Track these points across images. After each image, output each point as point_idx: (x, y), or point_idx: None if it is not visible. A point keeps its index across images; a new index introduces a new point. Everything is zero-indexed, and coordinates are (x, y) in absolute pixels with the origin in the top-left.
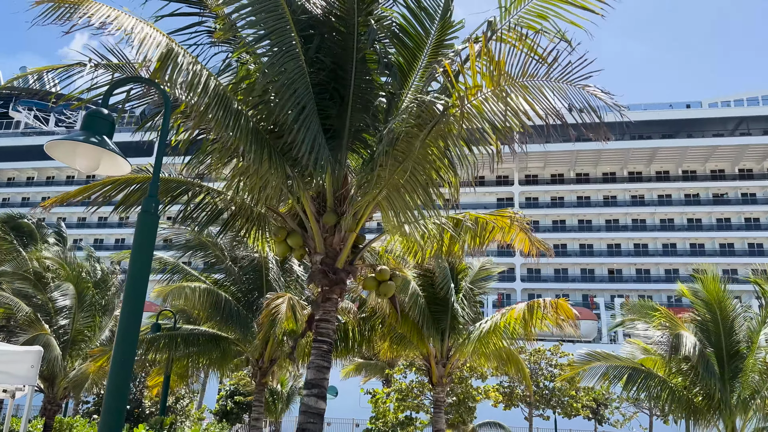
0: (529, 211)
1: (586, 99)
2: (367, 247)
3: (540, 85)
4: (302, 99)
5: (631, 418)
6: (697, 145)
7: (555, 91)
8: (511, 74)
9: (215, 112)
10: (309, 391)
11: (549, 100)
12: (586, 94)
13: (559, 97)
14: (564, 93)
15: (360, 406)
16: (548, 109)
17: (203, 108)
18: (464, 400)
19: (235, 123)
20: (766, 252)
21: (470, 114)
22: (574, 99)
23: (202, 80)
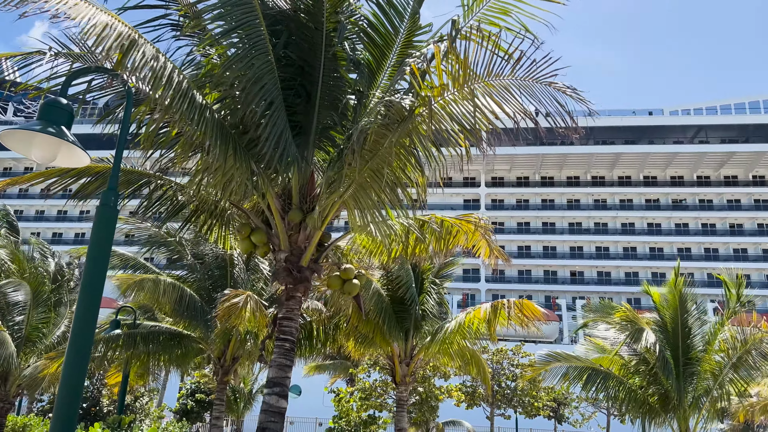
0: (495, 213)
1: (553, 95)
2: (332, 246)
3: (506, 84)
4: (270, 94)
5: (589, 417)
6: (658, 152)
7: (521, 89)
8: (476, 73)
9: (180, 106)
10: (270, 389)
11: (516, 98)
12: (552, 91)
13: (526, 94)
14: (530, 90)
15: (324, 405)
16: (516, 108)
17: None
18: (427, 399)
19: (200, 117)
20: (722, 257)
21: (437, 114)
22: (541, 96)
23: (166, 73)
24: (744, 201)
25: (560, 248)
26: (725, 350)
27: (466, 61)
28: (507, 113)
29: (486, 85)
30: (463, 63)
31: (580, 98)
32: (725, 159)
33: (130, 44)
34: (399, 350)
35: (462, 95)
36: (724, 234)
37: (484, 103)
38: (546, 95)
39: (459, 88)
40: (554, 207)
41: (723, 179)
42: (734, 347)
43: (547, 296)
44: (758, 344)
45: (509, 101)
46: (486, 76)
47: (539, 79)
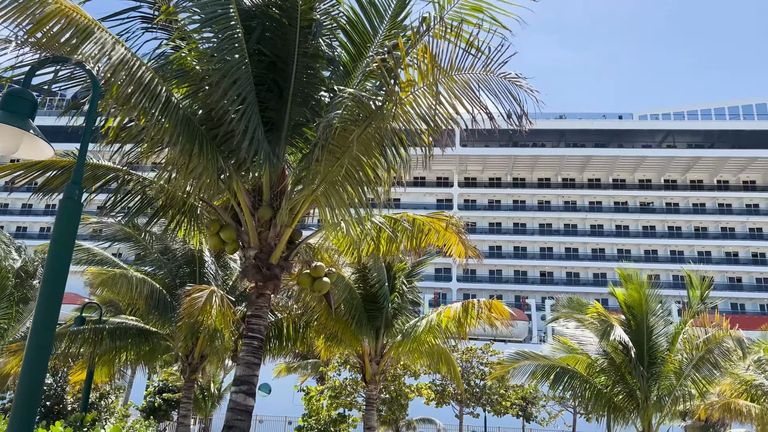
0: (467, 213)
1: (508, 88)
2: (303, 243)
3: (474, 82)
4: (243, 90)
5: (556, 416)
6: (627, 155)
7: (482, 84)
8: (445, 70)
9: (140, 100)
10: (238, 387)
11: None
12: (507, 83)
13: (490, 93)
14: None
15: (294, 404)
16: (480, 106)
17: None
18: (397, 398)
19: (162, 112)
20: (687, 259)
21: (405, 110)
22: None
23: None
24: (708, 205)
25: (530, 249)
26: (688, 350)
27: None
28: (467, 109)
29: (454, 83)
30: (432, 60)
31: (530, 89)
32: (691, 163)
33: (85, 35)
34: (369, 348)
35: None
36: (689, 237)
37: (451, 100)
38: (502, 89)
39: (428, 84)
40: (525, 208)
41: (689, 183)
42: (697, 347)
43: (517, 296)
44: (719, 344)
45: (473, 100)
46: (455, 72)
47: (496, 72)
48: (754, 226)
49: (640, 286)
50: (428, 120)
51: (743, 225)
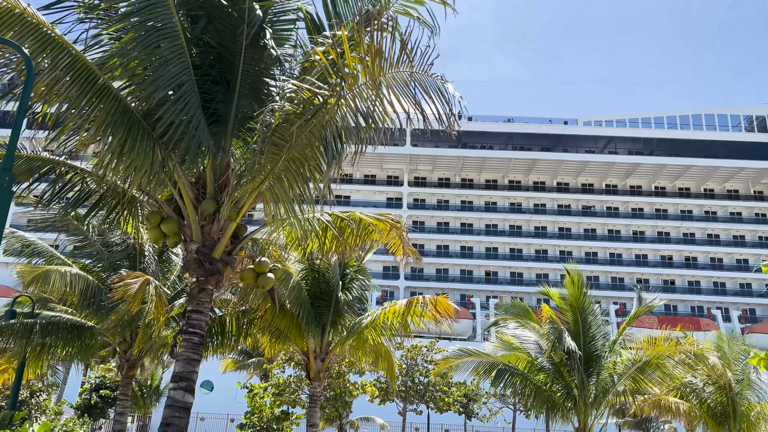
0: (417, 212)
1: (439, 88)
2: (248, 238)
3: (411, 82)
4: (180, 79)
5: (497, 413)
6: (571, 160)
7: (418, 84)
8: (390, 63)
9: (68, 90)
10: (176, 384)
11: (410, 89)
12: (438, 83)
13: (425, 93)
14: (428, 91)
15: (236, 401)
16: (416, 105)
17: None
18: (341, 395)
19: (94, 101)
20: (625, 262)
21: (348, 105)
22: (430, 88)
23: (53, 50)
24: (646, 210)
25: (477, 249)
26: (636, 352)
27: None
28: (402, 104)
29: (391, 78)
30: (374, 54)
31: (455, 94)
32: (632, 169)
33: (15, 19)
34: (315, 346)
35: (374, 87)
36: (627, 240)
37: (387, 96)
38: (435, 89)
39: (372, 79)
40: (473, 208)
41: (629, 188)
42: (639, 349)
43: (463, 295)
44: (655, 348)
45: (408, 96)
46: (390, 68)
47: (433, 75)
48: (688, 231)
49: (580, 288)
50: (370, 115)
51: (677, 230)
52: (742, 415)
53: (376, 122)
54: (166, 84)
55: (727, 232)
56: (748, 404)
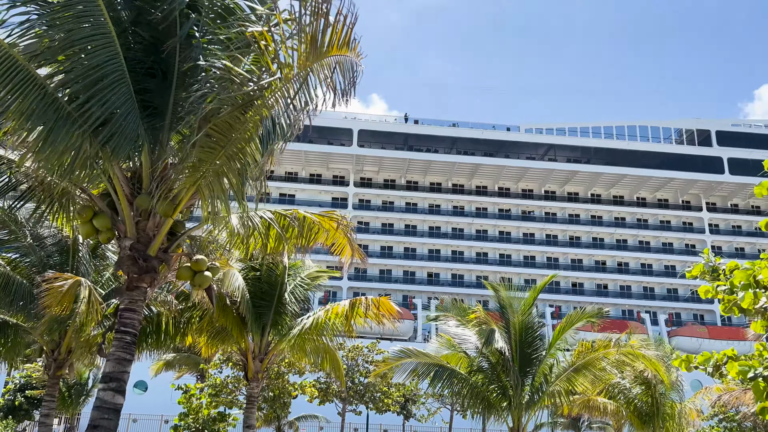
0: (362, 213)
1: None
2: (185, 236)
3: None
4: (107, 69)
5: (434, 413)
6: (512, 165)
7: (338, 67)
8: (320, 54)
9: None
10: (106, 384)
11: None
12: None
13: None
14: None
15: (171, 402)
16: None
17: None
18: (280, 396)
19: (14, 92)
20: (561, 266)
21: (283, 95)
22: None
23: None
24: (583, 216)
25: (420, 250)
26: (573, 354)
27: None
28: (320, 80)
29: (321, 66)
30: (310, 41)
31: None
32: (569, 177)
33: None
34: (254, 346)
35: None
36: (564, 245)
37: (313, 83)
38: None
39: (302, 68)
40: (417, 210)
41: (566, 195)
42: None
43: (405, 295)
44: (589, 352)
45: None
46: (321, 57)
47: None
48: (621, 237)
49: (517, 290)
50: (301, 106)
51: (611, 236)
52: (665, 414)
53: (306, 109)
54: (94, 75)
55: (657, 240)
56: (671, 404)
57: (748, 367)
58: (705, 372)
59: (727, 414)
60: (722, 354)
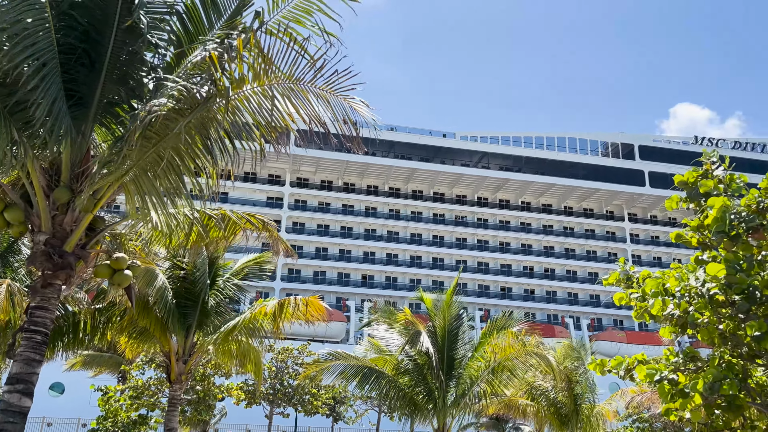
0: (298, 213)
1: (346, 110)
2: (105, 232)
3: (304, 89)
4: (43, 55)
5: (362, 415)
6: (447, 171)
7: (318, 98)
8: (279, 73)
9: None
10: (12, 386)
11: (313, 106)
12: (347, 106)
13: (323, 105)
14: (327, 101)
15: (90, 405)
16: (312, 116)
17: None
18: (204, 398)
19: None
20: (491, 270)
21: (235, 107)
22: (336, 108)
23: None
24: (513, 223)
25: (355, 252)
26: (490, 355)
27: (267, 58)
28: (303, 119)
29: (287, 88)
30: (267, 59)
31: (373, 117)
32: (501, 184)
33: None
34: (178, 347)
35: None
36: (494, 251)
37: (283, 104)
38: (340, 108)
39: (261, 84)
40: (353, 213)
41: (498, 202)
42: (494, 353)
43: (339, 297)
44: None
45: (306, 107)
46: (287, 80)
47: (337, 92)
48: (548, 244)
49: (450, 294)
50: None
51: (539, 243)
52: (583, 415)
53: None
54: (30, 60)
55: (582, 247)
56: (589, 405)
57: (655, 370)
58: (617, 375)
59: (640, 415)
60: (633, 358)
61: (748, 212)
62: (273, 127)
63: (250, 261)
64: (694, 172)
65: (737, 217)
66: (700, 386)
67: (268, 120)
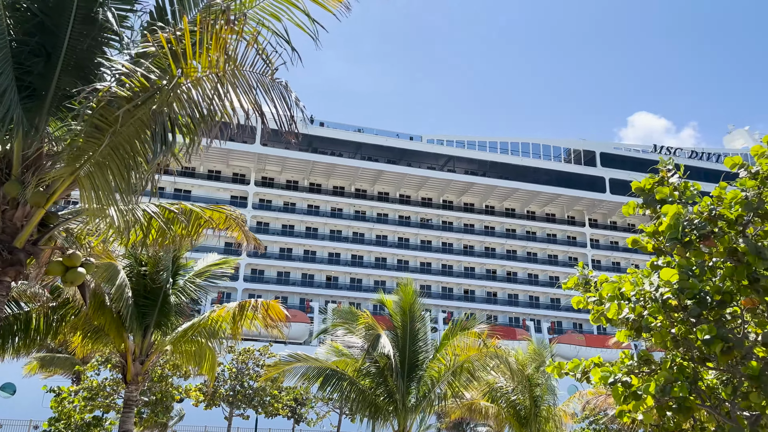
0: (262, 213)
1: (286, 98)
2: (58, 227)
3: (256, 83)
4: None
5: (323, 417)
6: (413, 174)
7: (262, 87)
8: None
9: None
10: None
11: (254, 93)
12: (287, 95)
13: (267, 97)
14: (268, 92)
15: (43, 406)
16: (255, 107)
17: None
18: (162, 400)
19: None
20: (455, 273)
21: (187, 96)
22: (276, 98)
23: None
24: (477, 226)
25: (320, 253)
26: (451, 357)
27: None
28: (242, 106)
29: (234, 77)
30: (221, 49)
31: (301, 107)
32: (466, 188)
33: None
34: (135, 347)
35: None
36: (458, 253)
37: (230, 92)
38: (280, 98)
39: (215, 73)
40: (319, 213)
41: (463, 205)
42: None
43: (303, 299)
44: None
45: (252, 102)
46: (237, 66)
47: (278, 81)
48: (511, 248)
49: (409, 295)
50: (211, 110)
51: (502, 246)
52: (542, 417)
53: (212, 117)
54: None
55: (544, 251)
56: (548, 407)
57: (609, 373)
58: (574, 378)
59: (596, 417)
60: (590, 361)
61: (700, 220)
62: (219, 117)
63: (213, 264)
64: (651, 179)
65: (690, 225)
66: (652, 388)
67: (216, 109)
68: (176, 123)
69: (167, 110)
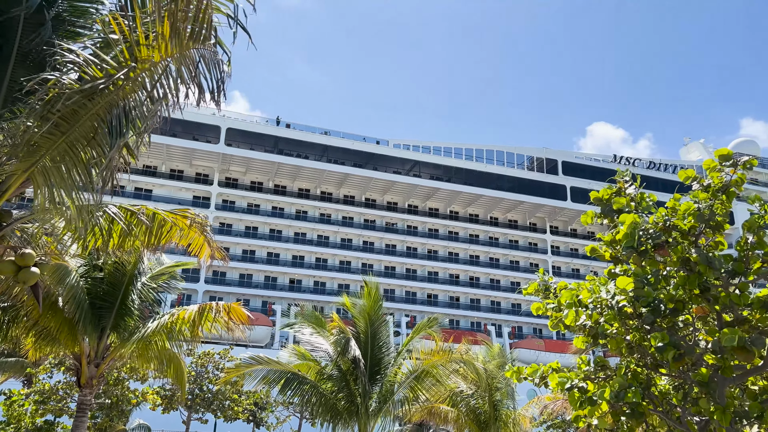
0: (225, 214)
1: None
2: (12, 226)
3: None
4: None
5: (284, 421)
6: (379, 178)
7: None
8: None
9: None
10: None
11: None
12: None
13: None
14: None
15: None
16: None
17: None
18: (118, 403)
19: None
20: (419, 277)
21: (141, 86)
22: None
23: None
24: (441, 231)
25: (284, 256)
26: (414, 362)
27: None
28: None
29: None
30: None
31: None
32: (431, 193)
33: None
34: (89, 349)
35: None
36: (422, 258)
37: (173, 75)
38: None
39: (169, 57)
40: (283, 215)
41: (428, 210)
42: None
43: (265, 301)
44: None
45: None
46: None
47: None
48: (474, 253)
49: (375, 300)
50: (160, 97)
51: (466, 252)
52: (501, 421)
53: (164, 101)
54: None
55: (506, 257)
56: (507, 411)
57: (566, 378)
58: (533, 383)
59: (554, 421)
60: (548, 366)
61: (655, 229)
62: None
63: (174, 266)
64: (609, 189)
65: (645, 234)
66: (606, 394)
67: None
68: (130, 115)
69: (123, 103)
